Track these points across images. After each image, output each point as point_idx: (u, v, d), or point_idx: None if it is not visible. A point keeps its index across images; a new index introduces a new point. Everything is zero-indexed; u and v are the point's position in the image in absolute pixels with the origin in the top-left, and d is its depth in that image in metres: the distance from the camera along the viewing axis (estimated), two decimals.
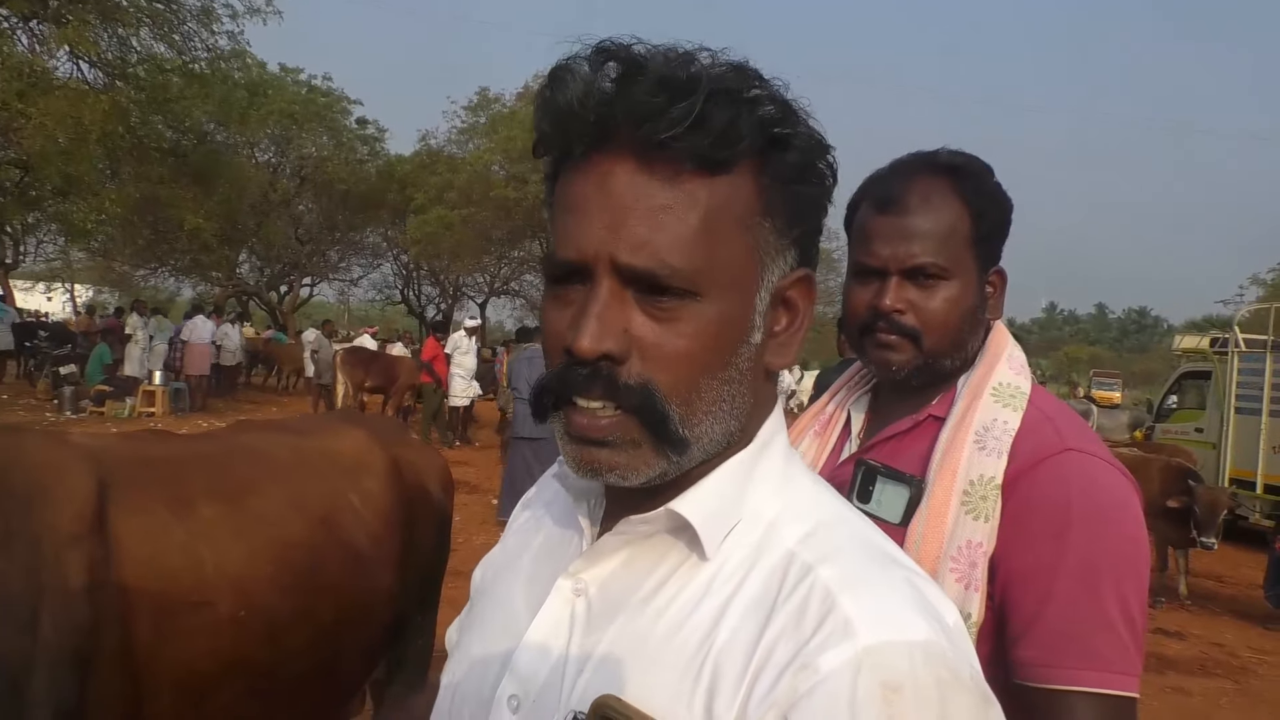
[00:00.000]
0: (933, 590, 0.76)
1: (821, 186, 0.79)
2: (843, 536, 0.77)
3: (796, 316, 0.82)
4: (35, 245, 28.88)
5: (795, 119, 0.76)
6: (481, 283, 34.16)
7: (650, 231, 0.71)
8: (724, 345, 0.75)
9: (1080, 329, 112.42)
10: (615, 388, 0.73)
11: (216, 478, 2.39)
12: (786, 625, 0.70)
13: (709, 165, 0.72)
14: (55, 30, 16.90)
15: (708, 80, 0.71)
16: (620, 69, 0.72)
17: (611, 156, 0.72)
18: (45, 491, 2.01)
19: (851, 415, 1.51)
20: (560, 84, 0.74)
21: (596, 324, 0.72)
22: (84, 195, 17.82)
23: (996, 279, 1.43)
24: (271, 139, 28.94)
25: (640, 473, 0.75)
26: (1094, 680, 1.16)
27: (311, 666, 2.44)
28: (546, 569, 0.87)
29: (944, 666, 0.68)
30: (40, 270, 36.09)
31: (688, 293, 0.72)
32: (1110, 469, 1.27)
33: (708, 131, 0.70)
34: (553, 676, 0.79)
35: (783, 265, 0.78)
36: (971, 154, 1.40)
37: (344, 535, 2.58)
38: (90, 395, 15.94)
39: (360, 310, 50.20)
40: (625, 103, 0.71)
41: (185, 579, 2.14)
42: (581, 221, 0.73)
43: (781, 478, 0.82)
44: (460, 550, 3.97)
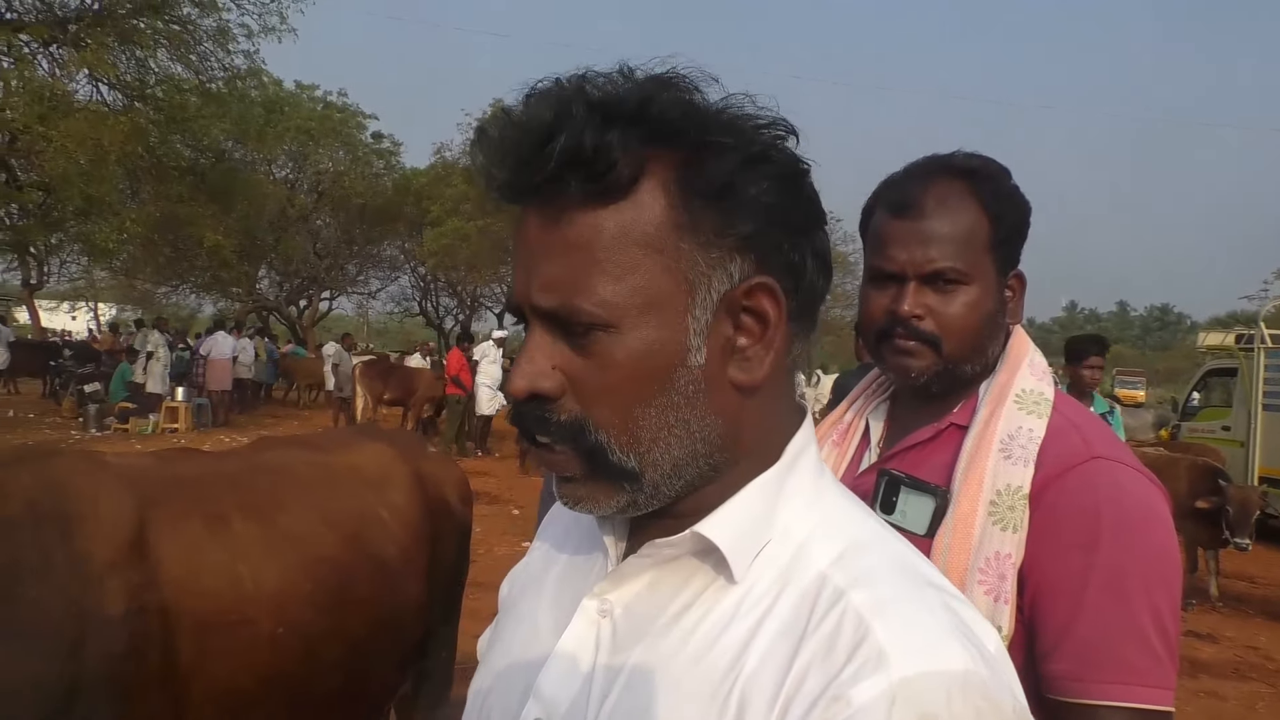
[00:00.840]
0: (972, 614, 0.72)
1: (769, 184, 0.73)
2: (876, 558, 0.74)
3: (766, 327, 0.75)
4: (59, 265, 29.21)
5: (705, 125, 0.72)
6: (499, 293, 34.21)
7: (557, 271, 0.72)
8: (652, 373, 0.72)
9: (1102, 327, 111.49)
10: (550, 426, 0.74)
11: (248, 496, 2.40)
12: (817, 653, 0.68)
13: (596, 197, 0.70)
14: (75, 54, 17.14)
15: (581, 112, 0.69)
16: (505, 122, 0.73)
17: (525, 206, 0.74)
18: (85, 516, 2.01)
19: (870, 424, 1.49)
20: (473, 148, 0.76)
21: (525, 365, 0.74)
22: (105, 215, 18.03)
23: (1016, 283, 1.40)
24: (288, 155, 29.23)
25: (604, 504, 0.75)
26: (1127, 694, 1.13)
27: (344, 681, 2.45)
28: (571, 588, 0.85)
29: (983, 698, 0.65)
30: (65, 290, 36.58)
31: (598, 326, 0.71)
32: (1139, 476, 1.24)
33: (578, 165, 0.69)
34: (578, 701, 0.77)
35: (724, 277, 0.73)
36: (988, 156, 1.38)
37: (374, 550, 2.59)
38: (114, 413, 16.11)
39: (379, 323, 50.47)
40: (508, 156, 0.72)
41: (225, 598, 2.16)
42: (515, 269, 0.77)
43: (812, 495, 0.79)
44: (481, 561, 3.97)
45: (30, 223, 19.59)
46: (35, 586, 1.87)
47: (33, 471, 2.06)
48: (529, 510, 10.65)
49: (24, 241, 21.20)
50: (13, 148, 17.65)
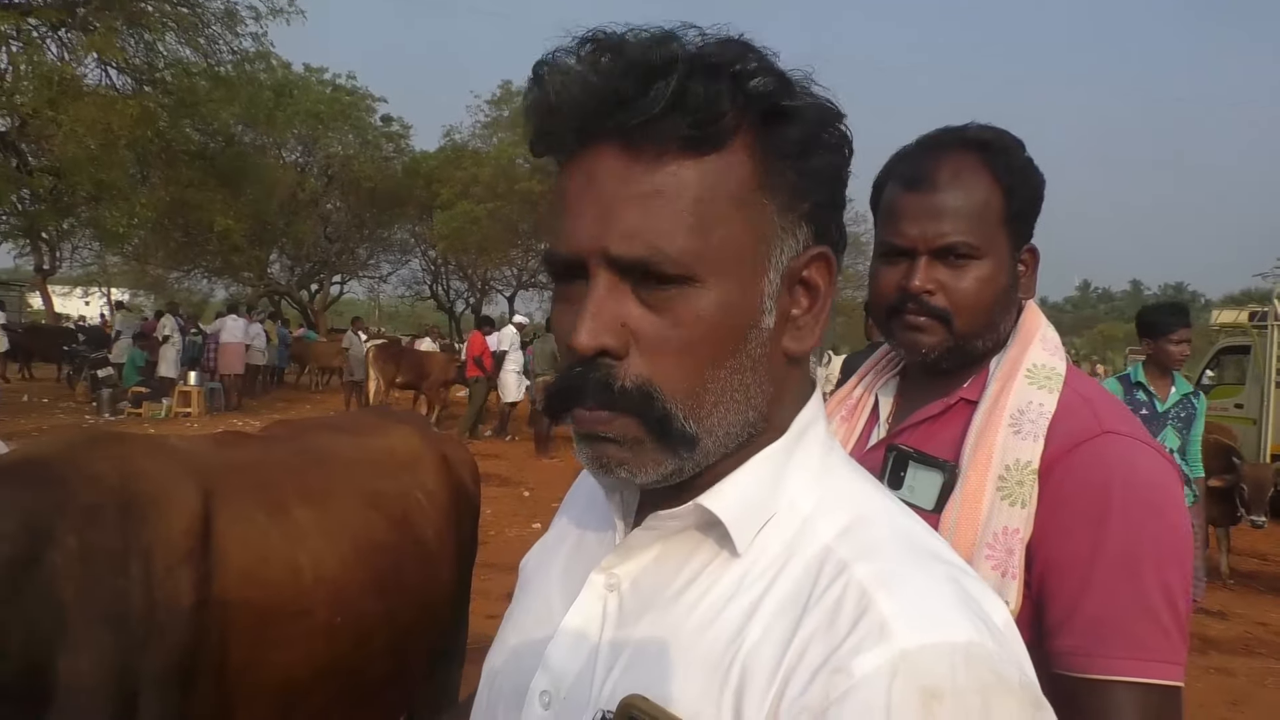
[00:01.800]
0: (979, 588, 0.72)
1: (833, 158, 0.75)
2: (882, 531, 0.73)
3: (817, 298, 0.77)
4: (71, 251, 29.31)
5: (791, 90, 0.72)
6: (509, 276, 34.23)
7: (640, 219, 0.69)
8: (729, 332, 0.72)
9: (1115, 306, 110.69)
10: (612, 391, 0.71)
11: (302, 481, 2.39)
12: (820, 625, 0.67)
13: (694, 145, 0.69)
14: (83, 38, 17.14)
15: (685, 59, 0.68)
16: (595, 58, 0.70)
17: (596, 148, 0.71)
18: (157, 504, 2.00)
19: (879, 399, 1.47)
20: (540, 82, 0.72)
21: (592, 319, 0.70)
22: (116, 200, 18.06)
23: (1029, 257, 1.38)
24: (298, 139, 29.21)
25: (650, 471, 0.73)
26: (1137, 669, 1.12)
27: (392, 667, 2.45)
28: (581, 563, 0.86)
29: (988, 670, 0.64)
30: (77, 275, 36.70)
31: (685, 279, 0.70)
32: (1150, 452, 1.23)
33: (687, 110, 0.67)
34: (584, 673, 0.78)
35: (793, 244, 0.74)
36: (1002, 128, 1.36)
37: (418, 534, 2.59)
38: (127, 397, 16.20)
39: (390, 307, 50.52)
40: (602, 91, 0.69)
41: (286, 589, 2.15)
42: (573, 217, 0.72)
43: (819, 468, 0.79)
44: (492, 543, 3.99)
45: (41, 208, 19.63)
46: (119, 575, 1.87)
47: (111, 457, 2.05)
48: (539, 492, 10.70)
49: (35, 227, 21.31)
50: (22, 132, 17.68)
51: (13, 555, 1.77)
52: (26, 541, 1.79)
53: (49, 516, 1.83)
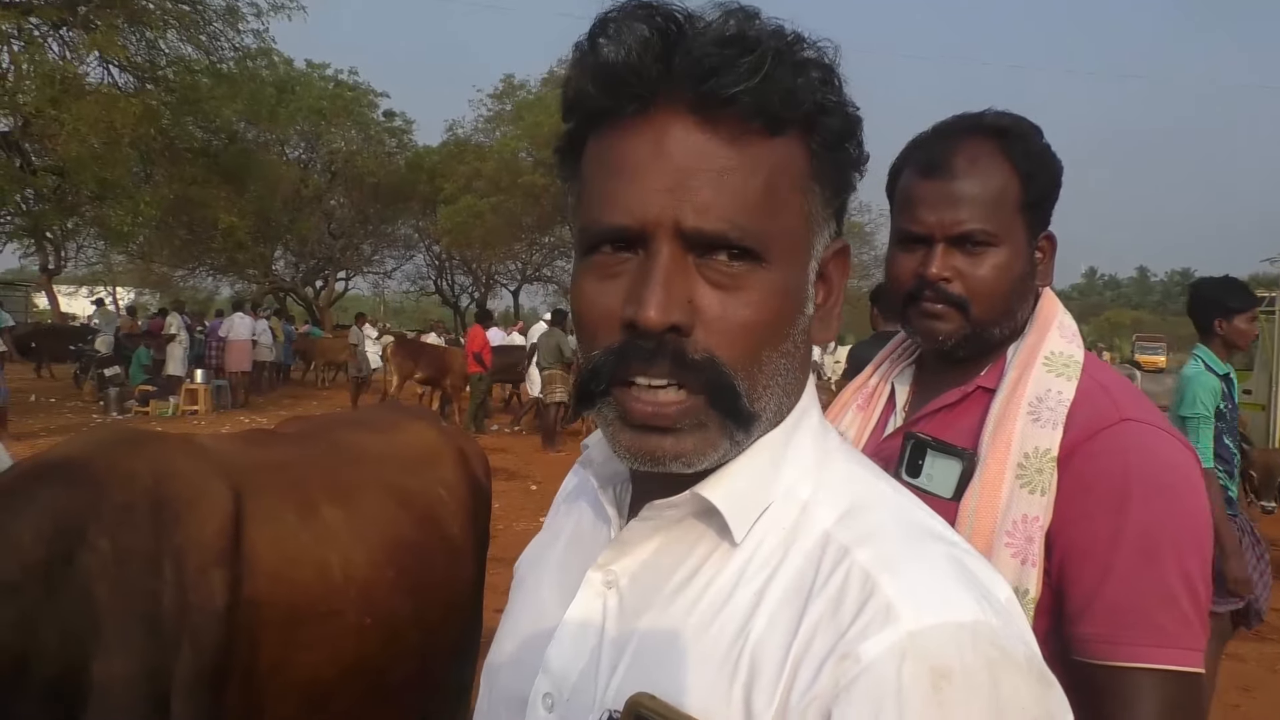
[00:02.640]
0: (981, 565, 0.71)
1: (857, 157, 0.77)
2: (881, 514, 0.73)
3: (833, 289, 0.79)
4: (76, 250, 29.35)
5: (839, 87, 0.73)
6: (514, 270, 34.26)
7: (716, 193, 0.67)
8: (785, 315, 0.72)
9: (1122, 293, 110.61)
10: (683, 363, 0.68)
11: (331, 480, 2.38)
12: (825, 612, 0.66)
13: (771, 125, 0.69)
14: (85, 36, 17.12)
15: (767, 39, 0.68)
16: (675, 23, 0.68)
17: (667, 115, 0.68)
18: (190, 505, 2.00)
19: (895, 388, 1.48)
20: (610, 38, 0.69)
21: (663, 292, 0.67)
22: (120, 198, 18.05)
23: (1046, 244, 1.38)
24: (301, 135, 29.23)
25: (705, 456, 0.71)
26: (1157, 656, 1.13)
27: (418, 666, 2.44)
28: (576, 560, 0.84)
29: (994, 647, 0.64)
30: (83, 274, 36.76)
31: (755, 258, 0.69)
32: (1169, 439, 1.23)
33: (775, 89, 0.67)
34: (586, 673, 0.76)
35: (826, 236, 0.76)
36: (1019, 115, 1.35)
37: (444, 530, 2.59)
38: (135, 395, 16.24)
39: (395, 302, 50.55)
40: (688, 57, 0.67)
41: (315, 590, 2.15)
42: (635, 185, 0.68)
43: (816, 455, 0.78)
44: (501, 537, 3.99)
45: (45, 207, 19.62)
46: (152, 577, 1.87)
47: (145, 457, 2.05)
48: (547, 486, 10.69)
49: (40, 226, 21.29)
50: (25, 132, 17.66)
51: (48, 556, 1.77)
52: (61, 542, 1.80)
53: (83, 517, 1.84)
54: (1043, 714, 0.65)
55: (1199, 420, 3.82)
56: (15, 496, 1.84)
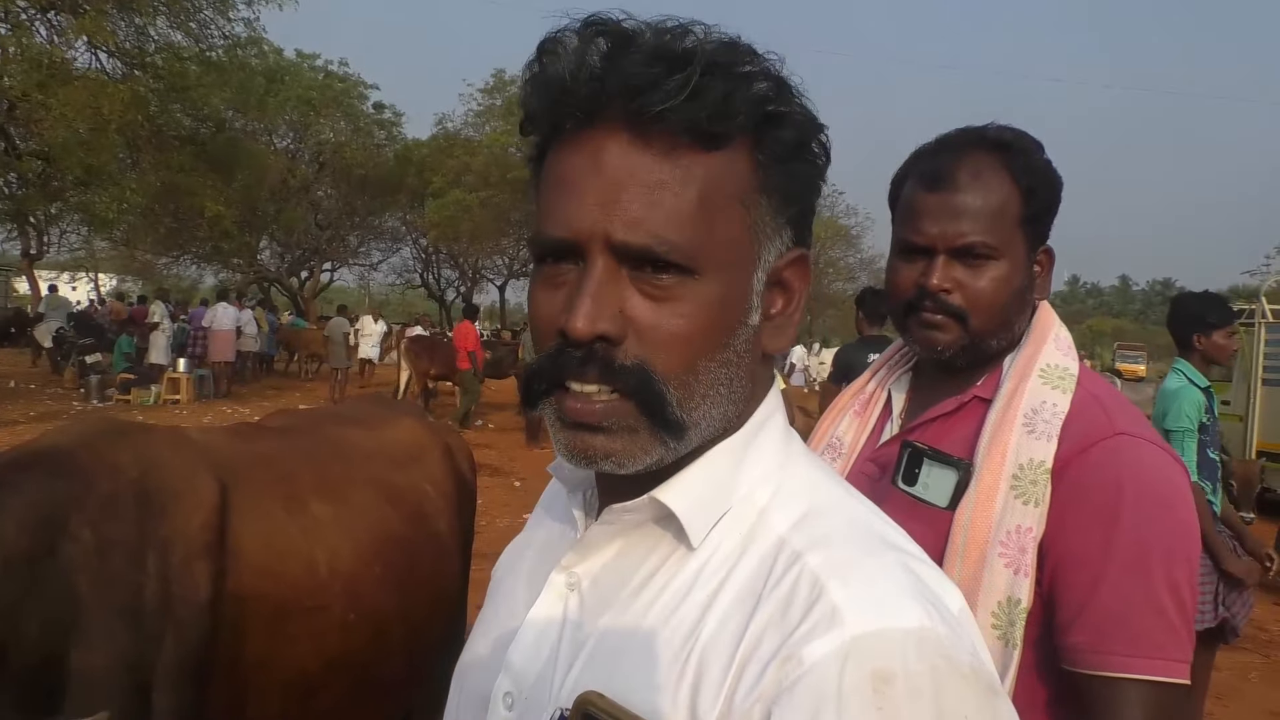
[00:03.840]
0: (933, 574, 0.72)
1: (815, 165, 0.77)
2: (836, 520, 0.74)
3: (793, 298, 0.79)
4: (59, 235, 29.06)
5: (790, 96, 0.74)
6: (501, 265, 34.19)
7: (646, 208, 0.69)
8: (722, 326, 0.73)
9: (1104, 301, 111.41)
10: (611, 370, 0.70)
11: (318, 474, 2.37)
12: (773, 615, 0.67)
13: (705, 139, 0.70)
14: (73, 21, 16.97)
15: (702, 53, 0.69)
16: (612, 41, 0.70)
17: (604, 131, 0.70)
18: (175, 497, 1.99)
19: (892, 394, 1.49)
20: (550, 57, 0.72)
21: (591, 304, 0.69)
22: (105, 185, 17.92)
23: (1044, 258, 1.40)
24: (289, 125, 29.08)
25: (636, 459, 0.73)
26: (1145, 667, 1.15)
27: (404, 663, 2.44)
28: (545, 563, 0.85)
29: (940, 655, 0.64)
30: (64, 260, 36.41)
31: (685, 270, 0.70)
32: (1161, 453, 1.25)
33: (704, 104, 0.68)
34: (544, 672, 0.78)
35: (778, 245, 0.76)
36: (1021, 130, 1.37)
37: (431, 527, 2.58)
38: (116, 383, 16.12)
39: (380, 295, 50.40)
40: (619, 75, 0.68)
41: (301, 584, 2.14)
42: (573, 199, 0.71)
43: (777, 462, 0.79)
44: (484, 533, 3.99)
45: (29, 192, 19.45)
46: (134, 569, 1.86)
47: (132, 448, 2.04)
48: (530, 482, 10.70)
49: (23, 211, 21.08)
50: (11, 115, 17.52)
51: (31, 547, 1.76)
52: (45, 533, 1.79)
53: (67, 508, 1.83)
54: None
55: (1184, 434, 3.86)
56: (0, 487, 1.83)
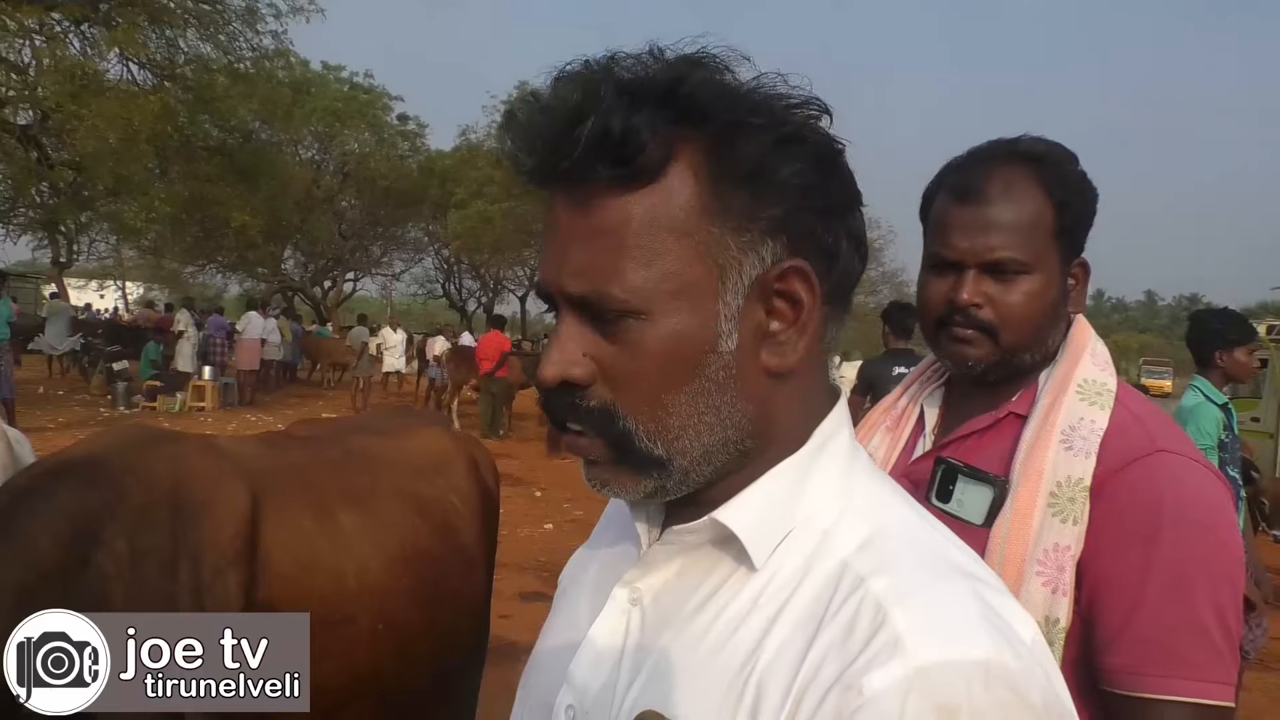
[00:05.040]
0: (1006, 603, 0.69)
1: (805, 167, 0.71)
2: (902, 544, 0.71)
3: (800, 311, 0.74)
4: (88, 244, 29.44)
5: (736, 105, 0.70)
6: (522, 276, 34.29)
7: (587, 257, 0.71)
8: (682, 360, 0.71)
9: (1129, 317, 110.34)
10: (579, 412, 0.74)
11: (347, 485, 2.37)
12: (834, 641, 0.66)
13: (623, 181, 0.69)
14: (106, 33, 17.25)
15: (610, 95, 0.68)
16: (534, 107, 0.72)
17: (555, 191, 0.73)
18: (207, 506, 1.99)
19: (925, 410, 1.47)
20: (503, 132, 0.75)
21: (555, 352, 0.73)
22: (135, 194, 18.15)
23: (1079, 271, 1.38)
24: (315, 136, 29.36)
25: (631, 489, 0.75)
26: (1188, 689, 1.12)
27: (432, 675, 2.42)
28: (609, 577, 0.85)
29: (1008, 689, 0.62)
30: (93, 269, 36.88)
31: (629, 314, 0.71)
32: (1203, 471, 1.22)
33: (605, 149, 0.67)
34: (606, 688, 0.78)
35: (755, 261, 0.72)
36: (1055, 141, 1.35)
37: (458, 539, 2.58)
38: (142, 390, 16.28)
39: (402, 304, 50.68)
40: (539, 143, 0.71)
41: (330, 596, 2.13)
42: (543, 254, 0.75)
43: (841, 481, 0.77)
44: (505, 543, 3.99)
45: (61, 201, 19.72)
46: (168, 579, 1.87)
47: (164, 457, 2.05)
48: (551, 492, 10.72)
49: (54, 220, 21.38)
50: (44, 126, 17.78)
51: (65, 559, 1.77)
52: (78, 544, 1.80)
53: (100, 518, 1.84)
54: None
55: (1205, 451, 3.84)
56: (34, 496, 1.84)
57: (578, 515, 9.67)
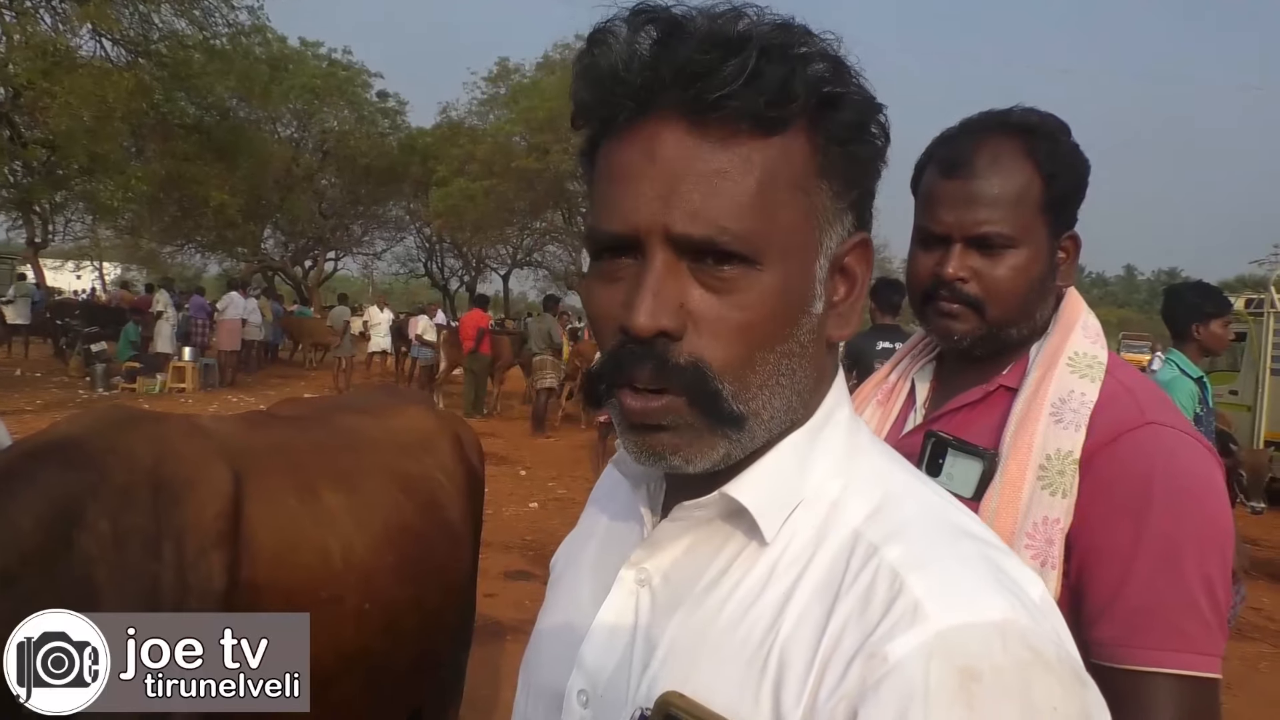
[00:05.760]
0: (1013, 563, 0.70)
1: (875, 147, 0.75)
2: (910, 511, 0.72)
3: (855, 284, 0.77)
4: (64, 224, 29.07)
5: (847, 77, 0.72)
6: (504, 254, 34.22)
7: (705, 198, 0.67)
8: (785, 316, 0.71)
9: (1109, 291, 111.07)
10: (666, 368, 0.69)
11: (332, 464, 2.36)
12: (853, 611, 0.66)
13: (764, 125, 0.68)
14: (77, 8, 16.96)
15: (758, 37, 0.67)
16: (664, 29, 0.69)
17: (659, 121, 0.68)
18: (190, 486, 1.98)
19: (915, 384, 1.47)
20: (601, 48, 0.70)
21: (653, 299, 0.68)
22: (110, 173, 17.96)
23: (1070, 244, 1.37)
24: (294, 114, 29.11)
25: (702, 455, 0.72)
26: (1176, 661, 1.12)
27: (418, 653, 2.42)
28: (610, 558, 0.84)
29: (1025, 647, 0.63)
30: (69, 249, 36.46)
31: (747, 261, 0.68)
32: (1193, 443, 1.22)
33: (762, 89, 0.66)
34: (619, 670, 0.77)
35: (840, 231, 0.74)
36: (1047, 112, 1.34)
37: (444, 516, 2.57)
38: (121, 372, 16.15)
39: (384, 283, 50.45)
40: (673, 63, 0.67)
41: (316, 574, 2.12)
42: (629, 191, 0.69)
43: (846, 452, 0.77)
44: (490, 522, 3.99)
45: (35, 180, 19.46)
46: (151, 559, 1.85)
47: (146, 438, 2.03)
48: (536, 471, 10.74)
49: (28, 200, 21.10)
50: (16, 104, 17.51)
51: (46, 541, 1.75)
52: (60, 526, 1.78)
53: (82, 499, 1.82)
54: (1077, 713, 0.64)
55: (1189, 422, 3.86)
56: (15, 478, 1.82)
57: (562, 494, 9.69)
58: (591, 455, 10.96)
